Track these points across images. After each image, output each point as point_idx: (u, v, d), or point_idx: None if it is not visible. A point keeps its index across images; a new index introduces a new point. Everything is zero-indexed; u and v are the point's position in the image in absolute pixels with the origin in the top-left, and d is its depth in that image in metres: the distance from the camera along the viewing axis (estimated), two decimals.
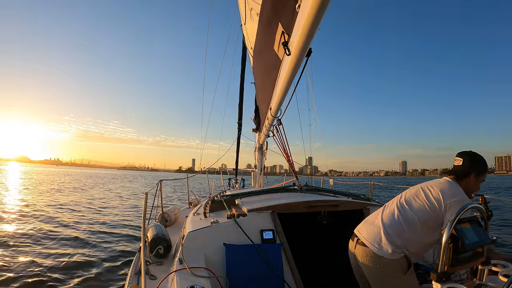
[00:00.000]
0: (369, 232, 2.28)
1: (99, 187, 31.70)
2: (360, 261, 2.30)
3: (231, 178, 8.98)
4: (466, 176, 2.26)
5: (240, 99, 8.46)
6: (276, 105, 3.99)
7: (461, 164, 2.28)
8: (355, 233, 2.43)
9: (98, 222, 11.31)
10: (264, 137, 6.34)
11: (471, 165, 2.26)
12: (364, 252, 2.24)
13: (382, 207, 2.44)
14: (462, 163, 2.28)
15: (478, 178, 2.27)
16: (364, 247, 2.25)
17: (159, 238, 3.17)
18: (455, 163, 2.33)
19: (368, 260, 2.22)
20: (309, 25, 2.06)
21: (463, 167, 2.27)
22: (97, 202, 18.12)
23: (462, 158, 2.29)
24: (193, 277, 2.27)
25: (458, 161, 2.30)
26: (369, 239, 2.23)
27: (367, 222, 2.41)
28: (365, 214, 3.30)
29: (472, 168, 2.25)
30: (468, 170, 2.25)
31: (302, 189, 4.15)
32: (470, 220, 1.81)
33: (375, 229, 2.25)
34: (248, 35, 5.10)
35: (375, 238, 2.20)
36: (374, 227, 2.27)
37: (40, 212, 12.76)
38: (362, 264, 2.28)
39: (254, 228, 2.93)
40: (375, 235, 2.22)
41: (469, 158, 2.28)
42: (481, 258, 1.81)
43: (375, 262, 2.17)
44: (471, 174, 2.25)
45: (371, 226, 2.32)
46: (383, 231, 2.19)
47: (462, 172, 2.27)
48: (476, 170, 2.25)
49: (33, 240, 8.23)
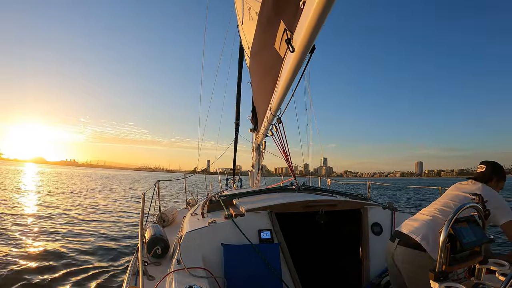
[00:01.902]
0: (415, 233, 2.30)
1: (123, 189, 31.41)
2: (401, 261, 2.32)
3: (228, 178, 8.98)
4: (488, 181, 2.56)
5: (237, 99, 8.47)
6: (276, 104, 3.99)
7: (484, 170, 2.61)
8: (396, 233, 2.45)
9: (95, 222, 11.28)
10: (262, 136, 6.34)
11: (493, 172, 2.59)
12: (409, 253, 2.26)
13: (421, 212, 2.53)
14: (485, 169, 2.61)
15: (498, 183, 2.59)
16: (408, 248, 2.27)
17: (157, 239, 3.16)
18: (478, 170, 2.66)
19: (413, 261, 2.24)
20: (315, 21, 2.06)
21: (485, 173, 2.60)
22: (94, 202, 18.06)
23: (485, 166, 2.63)
24: (191, 278, 2.26)
25: (482, 168, 2.64)
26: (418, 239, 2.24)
27: (409, 224, 2.44)
28: (363, 214, 3.31)
29: (494, 174, 2.58)
30: (490, 176, 2.58)
31: (300, 189, 4.15)
32: (467, 219, 1.82)
33: (421, 231, 2.28)
34: (245, 35, 5.10)
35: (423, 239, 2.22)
36: (419, 228, 2.30)
37: (41, 211, 12.73)
38: (404, 264, 2.30)
39: (252, 228, 2.93)
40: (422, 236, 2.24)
41: (492, 165, 2.62)
42: (478, 257, 1.81)
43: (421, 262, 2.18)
44: (492, 179, 2.57)
45: (414, 227, 2.35)
46: (430, 233, 2.23)
47: (484, 177, 2.58)
48: (497, 176, 2.58)
49: (30, 239, 8.20)
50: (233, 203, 3.64)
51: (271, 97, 4.14)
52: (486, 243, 1.84)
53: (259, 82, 4.98)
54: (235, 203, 3.61)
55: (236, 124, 8.49)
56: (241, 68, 8.13)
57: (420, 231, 2.26)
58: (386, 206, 3.51)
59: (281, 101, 3.89)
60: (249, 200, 3.65)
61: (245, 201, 3.59)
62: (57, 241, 8.40)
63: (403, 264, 2.30)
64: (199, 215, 3.60)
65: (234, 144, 8.75)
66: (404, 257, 2.29)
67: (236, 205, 3.54)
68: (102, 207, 16.56)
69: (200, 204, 4.51)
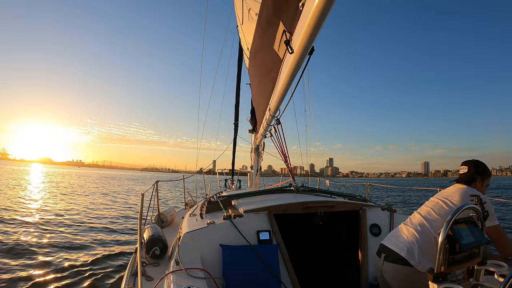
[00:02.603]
0: (399, 247, 2.27)
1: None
2: (389, 277, 2.30)
3: (227, 179, 8.97)
4: (473, 181, 2.52)
5: (236, 100, 8.47)
6: (275, 105, 3.99)
7: (467, 171, 2.55)
8: (382, 248, 2.43)
9: (94, 223, 11.25)
10: (260, 137, 6.33)
11: (476, 171, 2.52)
12: (396, 269, 2.24)
13: (404, 223, 2.48)
14: (468, 170, 2.55)
15: (483, 182, 2.55)
16: (394, 264, 2.25)
17: (156, 239, 3.16)
18: (460, 172, 2.60)
19: (401, 276, 2.23)
20: (314, 23, 2.07)
21: (469, 174, 2.53)
22: (94, 202, 18.03)
23: (467, 166, 2.56)
24: (190, 278, 2.26)
25: (464, 169, 2.58)
26: (403, 254, 2.22)
27: (393, 237, 2.42)
28: (361, 215, 3.31)
29: (477, 173, 2.52)
30: (473, 175, 2.52)
31: (299, 190, 4.15)
32: (466, 220, 1.82)
33: (405, 245, 2.25)
34: (245, 36, 5.10)
35: (409, 253, 2.21)
36: (404, 242, 2.28)
37: (39, 210, 12.70)
38: (392, 280, 2.28)
39: (250, 229, 2.93)
40: (408, 250, 2.22)
41: (474, 165, 2.55)
42: (477, 258, 1.81)
43: (409, 277, 2.18)
44: (477, 179, 2.52)
45: (399, 241, 2.33)
46: (416, 246, 2.21)
47: (468, 178, 2.52)
48: (481, 175, 2.53)
49: (27, 238, 8.18)
50: (232, 204, 3.64)
51: (270, 98, 4.14)
52: (485, 244, 1.84)
53: (258, 83, 4.98)
54: (234, 204, 3.61)
55: (235, 125, 8.49)
56: (240, 69, 8.14)
57: (404, 245, 2.25)
58: (385, 207, 3.52)
59: (280, 102, 3.89)
60: (247, 201, 3.64)
61: (244, 202, 3.58)
62: (55, 241, 8.39)
63: (391, 280, 2.30)
64: (198, 216, 3.59)
65: (233, 145, 8.75)
66: (392, 274, 2.28)
67: (234, 206, 3.54)
68: (101, 206, 16.55)
69: (199, 205, 4.51)
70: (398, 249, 2.26)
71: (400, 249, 2.24)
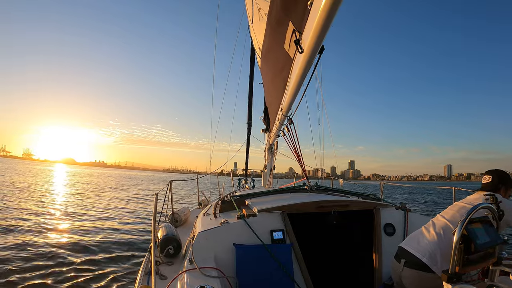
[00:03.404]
0: (421, 252, 2.21)
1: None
2: (409, 283, 2.25)
3: (241, 179, 8.98)
4: (496, 190, 2.48)
5: (249, 100, 8.47)
6: (287, 104, 3.98)
7: (491, 181, 2.53)
8: (401, 252, 2.36)
9: (109, 222, 11.44)
10: (274, 137, 6.33)
11: (500, 181, 2.51)
12: (417, 275, 2.18)
13: (426, 226, 2.41)
14: (492, 180, 2.53)
15: (507, 192, 2.52)
16: (416, 271, 2.18)
17: (169, 238, 3.19)
18: (484, 181, 2.59)
19: (422, 282, 2.16)
20: (322, 22, 2.06)
21: (492, 183, 2.52)
22: (110, 202, 18.30)
23: (491, 175, 2.55)
24: (203, 277, 2.28)
25: (488, 179, 2.56)
26: (425, 260, 2.15)
27: (413, 240, 2.35)
28: (375, 214, 3.28)
29: (501, 183, 2.51)
30: (497, 185, 2.50)
31: (312, 189, 4.13)
32: (481, 220, 1.79)
33: (427, 249, 2.19)
34: (255, 36, 5.11)
35: (431, 259, 2.14)
36: (426, 247, 2.21)
37: (59, 209, 12.95)
38: (412, 286, 2.23)
39: (264, 228, 2.94)
40: (430, 256, 2.15)
41: (498, 174, 2.55)
42: (492, 258, 1.78)
43: (430, 283, 2.11)
44: (501, 189, 2.50)
45: (420, 245, 2.26)
46: (438, 251, 2.15)
47: (492, 187, 2.50)
48: (505, 185, 2.51)
49: (41, 235, 8.38)
50: (246, 203, 3.65)
51: (282, 97, 4.14)
52: (500, 244, 1.81)
53: (270, 83, 4.98)
54: (248, 203, 3.62)
55: (248, 124, 8.49)
56: (252, 68, 8.14)
57: (426, 251, 2.17)
58: (399, 206, 3.48)
59: (291, 102, 3.88)
60: (261, 200, 3.65)
61: (258, 201, 3.59)
62: (70, 238, 8.58)
63: (411, 286, 2.24)
64: (212, 215, 3.62)
65: (247, 144, 8.76)
66: (412, 280, 2.22)
67: (248, 205, 3.55)
68: (118, 205, 16.84)
69: (213, 204, 4.54)
70: (419, 254, 2.18)
71: (422, 254, 2.16)
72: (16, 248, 7.22)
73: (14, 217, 11.04)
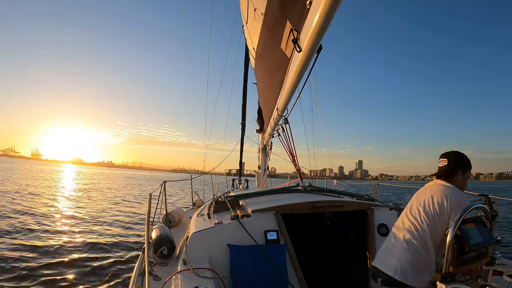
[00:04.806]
0: (392, 269, 2.18)
1: None
2: None
3: (235, 179, 8.98)
4: (454, 174, 2.33)
5: (243, 100, 8.47)
6: (283, 104, 3.98)
7: (447, 164, 2.36)
8: (376, 272, 2.31)
9: (102, 223, 11.34)
10: (268, 137, 6.32)
11: (456, 163, 2.35)
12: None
13: (393, 233, 2.37)
14: (448, 163, 2.36)
15: (464, 175, 2.35)
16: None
17: (163, 239, 3.18)
18: (440, 165, 2.40)
19: None
20: (322, 21, 2.05)
21: (449, 166, 2.35)
22: (102, 203, 18.16)
23: (446, 158, 2.38)
24: (197, 278, 2.27)
25: (443, 162, 2.38)
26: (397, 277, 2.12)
27: (384, 256, 2.32)
28: (369, 215, 3.29)
29: (458, 166, 2.34)
30: (455, 168, 2.34)
31: (306, 190, 4.14)
32: (474, 220, 1.80)
33: (398, 264, 2.16)
34: (250, 36, 5.10)
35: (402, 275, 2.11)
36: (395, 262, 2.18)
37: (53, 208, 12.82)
38: None
39: (258, 229, 2.94)
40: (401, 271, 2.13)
41: (454, 157, 2.37)
42: (485, 258, 1.80)
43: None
44: (458, 172, 2.33)
45: (390, 261, 2.23)
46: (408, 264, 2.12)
47: (449, 171, 2.34)
48: (462, 167, 2.34)
49: (34, 235, 8.27)
50: (240, 204, 3.64)
51: (277, 97, 4.13)
52: (493, 244, 1.83)
53: (265, 83, 4.98)
54: (242, 204, 3.61)
55: (242, 125, 8.49)
56: (247, 69, 8.13)
57: (396, 266, 2.16)
58: (392, 207, 3.50)
59: (287, 101, 3.88)
60: (255, 201, 3.65)
61: (252, 202, 3.59)
62: (62, 239, 8.49)
63: None
64: (206, 215, 3.61)
65: (240, 145, 8.76)
66: None
67: (242, 206, 3.55)
68: (112, 206, 16.69)
69: (207, 205, 4.52)
70: (391, 271, 2.17)
71: (394, 272, 2.15)
72: (6, 249, 7.13)
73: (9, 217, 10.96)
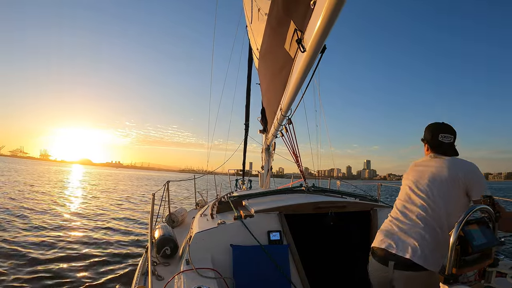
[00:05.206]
0: (409, 251, 2.00)
1: None
2: (404, 285, 2.04)
3: (238, 179, 8.99)
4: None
5: (247, 100, 8.48)
6: (286, 104, 3.98)
7: (453, 140, 2.22)
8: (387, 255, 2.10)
9: (105, 222, 11.38)
10: (272, 137, 6.33)
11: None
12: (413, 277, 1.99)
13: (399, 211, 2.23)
14: (454, 139, 2.22)
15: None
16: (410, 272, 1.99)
17: (166, 239, 3.19)
18: (445, 140, 2.20)
19: (417, 282, 2.00)
20: (326, 21, 2.05)
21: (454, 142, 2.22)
22: (106, 203, 18.22)
23: (452, 135, 2.21)
24: (200, 278, 2.28)
25: (450, 138, 2.21)
26: (416, 260, 1.96)
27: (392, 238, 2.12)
28: (372, 215, 3.29)
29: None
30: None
31: (309, 190, 4.14)
32: (478, 221, 1.79)
33: (416, 246, 1.99)
34: (254, 36, 5.10)
35: (422, 257, 1.96)
36: (411, 244, 2.01)
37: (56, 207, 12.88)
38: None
39: (261, 229, 2.94)
40: (421, 253, 1.97)
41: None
42: (489, 259, 1.79)
43: (426, 280, 1.97)
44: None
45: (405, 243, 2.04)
46: (425, 245, 1.98)
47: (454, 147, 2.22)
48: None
49: (36, 234, 8.31)
50: (243, 204, 3.64)
51: (281, 97, 4.14)
52: (497, 246, 1.82)
53: (268, 83, 4.98)
54: (245, 204, 3.62)
55: (245, 125, 8.51)
56: (250, 69, 8.15)
57: (413, 246, 1.99)
58: None
59: (291, 102, 3.88)
60: (258, 201, 3.65)
61: (255, 202, 3.59)
62: (65, 237, 8.54)
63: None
64: (209, 216, 3.61)
65: (244, 145, 8.77)
66: (407, 282, 2.03)
67: (245, 206, 3.55)
68: (116, 205, 16.78)
69: (210, 205, 4.53)
70: (407, 254, 1.99)
71: (411, 254, 1.98)
72: (7, 245, 7.19)
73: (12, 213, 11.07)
